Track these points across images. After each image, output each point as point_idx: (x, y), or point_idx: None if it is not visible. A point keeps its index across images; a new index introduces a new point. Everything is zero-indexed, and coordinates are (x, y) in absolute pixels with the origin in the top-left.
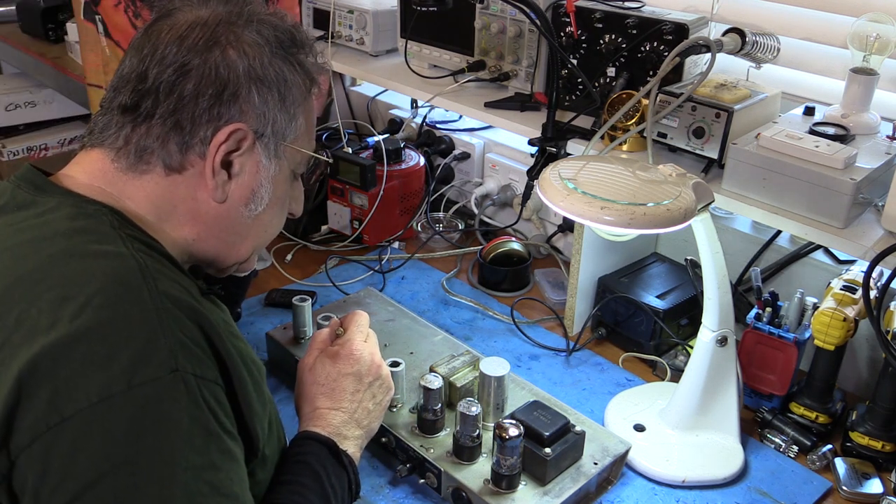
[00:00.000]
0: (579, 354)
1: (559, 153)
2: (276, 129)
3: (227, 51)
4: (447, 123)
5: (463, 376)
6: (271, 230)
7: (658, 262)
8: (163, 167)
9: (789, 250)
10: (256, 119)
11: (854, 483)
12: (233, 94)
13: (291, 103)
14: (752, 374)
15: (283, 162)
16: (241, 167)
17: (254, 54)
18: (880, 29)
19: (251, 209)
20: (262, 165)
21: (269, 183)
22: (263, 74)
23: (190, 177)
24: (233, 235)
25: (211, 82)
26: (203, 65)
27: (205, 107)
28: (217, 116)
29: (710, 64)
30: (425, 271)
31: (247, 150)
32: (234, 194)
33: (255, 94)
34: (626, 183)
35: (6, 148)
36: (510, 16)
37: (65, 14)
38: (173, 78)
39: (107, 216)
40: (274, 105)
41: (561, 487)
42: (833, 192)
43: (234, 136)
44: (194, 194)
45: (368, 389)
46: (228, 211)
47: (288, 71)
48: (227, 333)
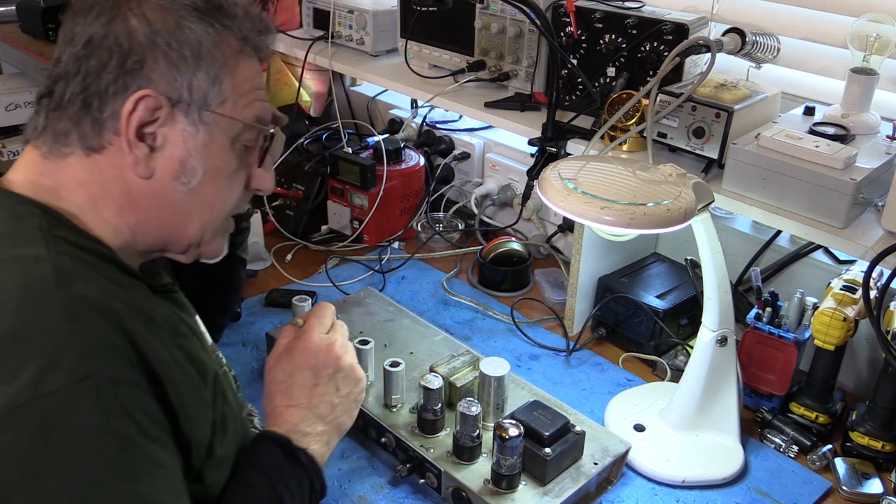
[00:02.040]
0: (579, 354)
1: (559, 153)
2: (196, 94)
3: (129, 19)
4: (447, 123)
5: (463, 376)
6: (220, 205)
7: (658, 262)
8: (82, 148)
9: (789, 250)
10: (168, 85)
11: (854, 483)
12: (137, 61)
13: (211, 65)
14: (752, 374)
15: (213, 129)
16: (163, 139)
17: (156, 18)
18: (880, 29)
19: (184, 182)
20: (188, 134)
21: (199, 153)
22: (169, 38)
23: (111, 155)
24: (174, 215)
25: (113, 53)
26: (105, 37)
27: (110, 79)
28: (124, 87)
29: (710, 64)
30: (425, 271)
31: (166, 120)
32: (161, 168)
33: (162, 60)
34: (626, 183)
35: (6, 148)
36: (510, 16)
37: (65, 14)
38: (80, 55)
39: (37, 217)
40: (187, 69)
41: (561, 487)
42: (833, 192)
43: (142, 104)
44: (121, 174)
45: (329, 382)
46: (160, 186)
47: (203, 32)
48: (168, 333)
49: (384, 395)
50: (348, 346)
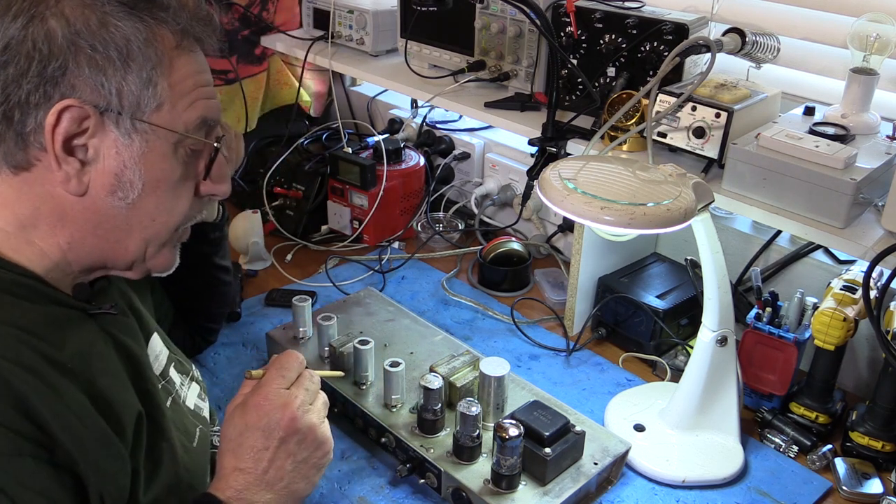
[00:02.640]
0: (579, 354)
1: (559, 153)
2: (126, 100)
3: (48, 20)
4: (447, 123)
5: (463, 376)
6: (164, 218)
7: (658, 262)
8: (7, 167)
9: (789, 250)
10: (94, 92)
11: (854, 483)
12: (58, 67)
13: (143, 66)
14: (752, 374)
15: (150, 137)
16: (94, 151)
17: (77, 17)
18: (880, 29)
19: (121, 197)
20: (122, 144)
21: (138, 164)
22: (93, 39)
23: (40, 172)
24: (112, 231)
25: (32, 59)
26: (23, 41)
27: (30, 88)
28: (45, 97)
29: (710, 64)
30: (425, 271)
31: (95, 130)
32: (95, 183)
33: (86, 65)
34: (626, 183)
35: None
36: (510, 16)
37: None
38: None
39: None
40: (115, 73)
41: (561, 487)
42: (833, 192)
43: (66, 115)
44: (51, 191)
45: (282, 446)
46: (95, 203)
47: (132, 29)
48: (78, 376)
49: (384, 395)
50: (312, 406)
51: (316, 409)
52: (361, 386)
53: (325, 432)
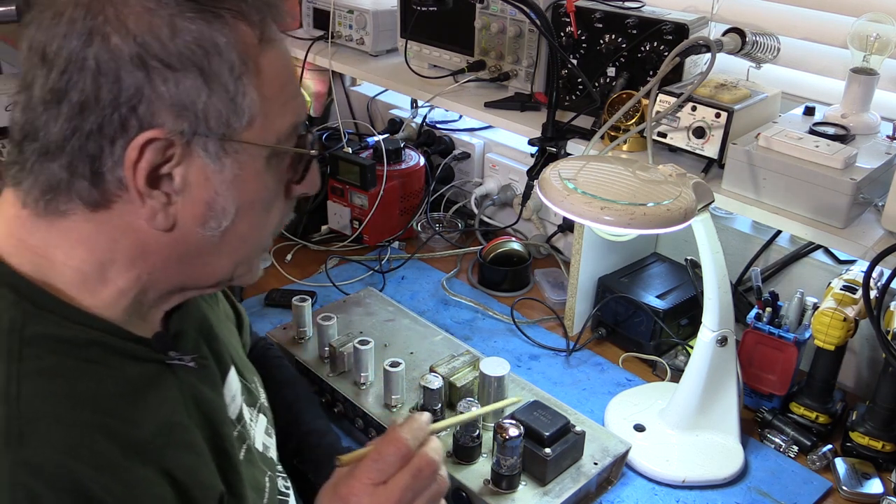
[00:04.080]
0: (579, 354)
1: (559, 153)
2: (213, 121)
3: (109, 36)
4: (447, 123)
5: (463, 376)
6: (256, 236)
7: (658, 262)
8: (83, 205)
9: (789, 250)
10: (176, 117)
11: (854, 483)
12: (132, 94)
13: (227, 77)
14: (752, 374)
15: (242, 157)
16: (182, 181)
17: (143, 28)
18: (880, 29)
19: (213, 227)
20: (212, 171)
21: (230, 190)
22: (166, 54)
23: (121, 207)
24: (199, 258)
25: (99, 86)
26: (83, 65)
27: (101, 120)
28: (122, 129)
29: (710, 64)
30: (425, 271)
31: (182, 157)
32: (184, 215)
33: (162, 85)
34: (626, 183)
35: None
36: (510, 16)
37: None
38: (57, 87)
39: (8, 310)
40: (197, 90)
41: (561, 487)
42: (833, 192)
43: (149, 148)
44: (132, 224)
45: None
46: (183, 236)
47: (208, 30)
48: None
49: (384, 395)
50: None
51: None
52: (361, 386)
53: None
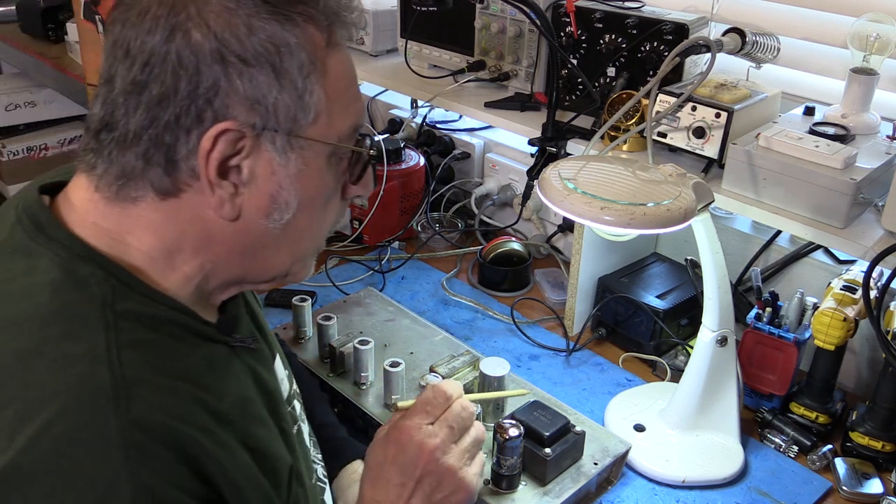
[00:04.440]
0: (579, 354)
1: (559, 153)
2: (282, 116)
3: (191, 32)
4: (447, 123)
5: (463, 376)
6: (314, 232)
7: (658, 262)
8: (154, 192)
9: (789, 250)
10: (248, 111)
11: (854, 483)
12: (210, 87)
13: (296, 74)
14: (752, 374)
15: (306, 153)
16: (249, 172)
17: (223, 26)
18: (880, 29)
19: (276, 219)
20: (277, 164)
21: (293, 184)
22: (242, 50)
23: (190, 197)
24: (260, 250)
25: (179, 79)
26: (165, 59)
27: (180, 111)
28: (198, 120)
29: (710, 64)
30: (425, 271)
31: (251, 150)
32: (249, 206)
33: (238, 80)
34: (626, 183)
35: (6, 148)
36: (510, 16)
37: (65, 14)
38: (139, 80)
39: (99, 285)
40: (269, 86)
41: (561, 487)
42: (833, 192)
43: (222, 139)
44: (201, 214)
45: (419, 486)
46: (247, 226)
47: (281, 31)
48: (239, 429)
49: (384, 395)
50: (455, 446)
51: (458, 451)
52: (361, 386)
53: (464, 476)
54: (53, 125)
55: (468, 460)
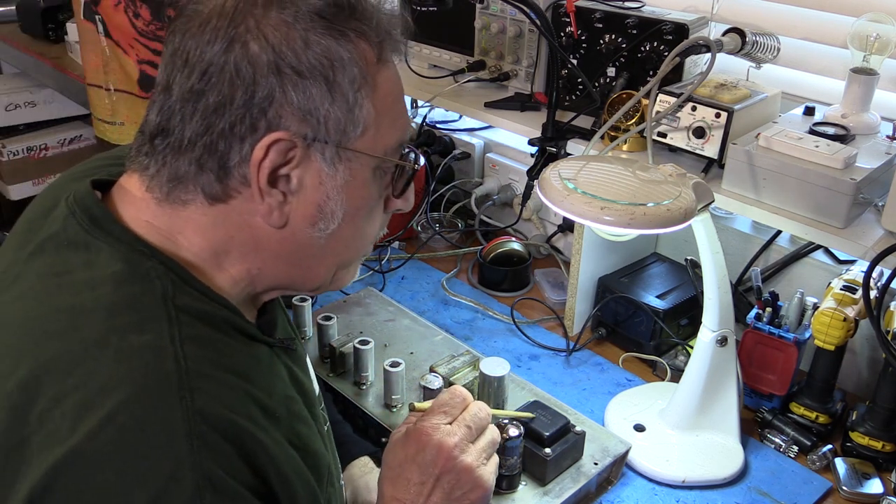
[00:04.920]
0: (579, 354)
1: (559, 153)
2: (332, 128)
3: (249, 44)
4: (447, 123)
5: (463, 376)
6: (357, 244)
7: (658, 262)
8: (204, 196)
9: (789, 250)
10: (300, 121)
11: (854, 483)
12: (265, 97)
13: (348, 88)
14: (752, 374)
15: (353, 165)
16: (298, 182)
17: (280, 39)
18: (880, 29)
19: (321, 228)
20: (326, 175)
21: (340, 194)
22: (298, 63)
23: (238, 203)
24: (305, 259)
25: (236, 88)
26: (223, 69)
27: (235, 120)
28: (252, 129)
29: (710, 64)
30: (425, 271)
31: (301, 160)
32: (296, 215)
33: (292, 91)
34: (626, 183)
35: (6, 148)
36: (510, 16)
37: (65, 14)
38: (196, 88)
39: (160, 279)
40: (322, 98)
41: (561, 487)
42: (833, 192)
43: (273, 148)
44: (249, 221)
45: (438, 484)
46: (293, 234)
47: (336, 47)
48: (286, 426)
49: (384, 395)
50: (473, 445)
51: (475, 450)
52: (361, 386)
53: (481, 475)
54: (53, 125)
55: (485, 459)
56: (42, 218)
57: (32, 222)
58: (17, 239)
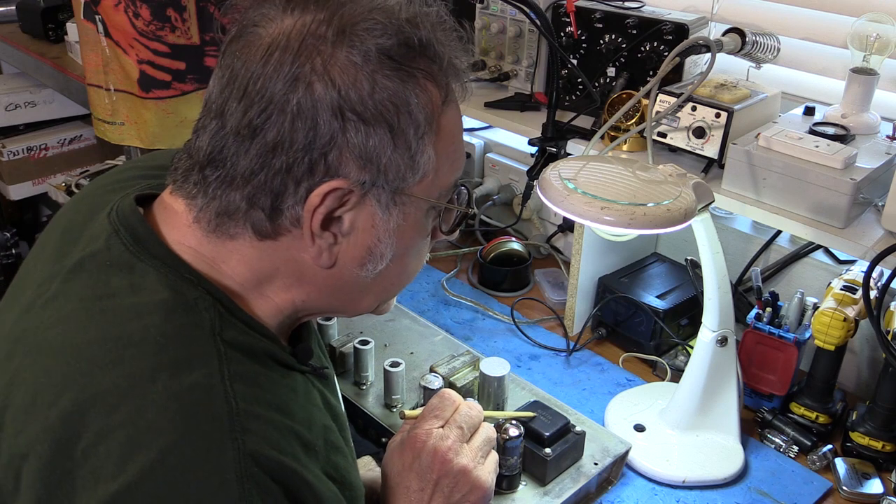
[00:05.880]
0: (579, 354)
1: (559, 153)
2: (392, 175)
3: (314, 84)
4: None
5: (463, 376)
6: (403, 280)
7: (658, 262)
8: (252, 232)
9: (789, 250)
10: (360, 168)
11: (854, 483)
12: (326, 143)
13: (412, 135)
14: (752, 374)
15: (407, 209)
16: (350, 224)
17: (349, 82)
18: (880, 29)
19: (369, 269)
20: (379, 219)
21: (391, 237)
22: (363, 109)
23: (288, 242)
24: (351, 293)
25: (296, 129)
26: (285, 107)
27: (292, 161)
28: (310, 171)
29: (710, 64)
30: (425, 271)
31: (355, 205)
32: (345, 256)
33: (354, 137)
34: (626, 183)
35: (6, 148)
36: (510, 16)
37: (65, 14)
38: (255, 124)
39: (208, 311)
40: (383, 146)
41: (561, 488)
42: (833, 192)
43: (331, 196)
44: (296, 256)
45: (437, 489)
46: (340, 273)
47: (403, 90)
48: (324, 459)
49: (384, 395)
50: (467, 445)
51: (470, 450)
52: (361, 386)
53: (479, 475)
54: (53, 125)
55: (481, 458)
56: (79, 229)
57: (67, 232)
58: (52, 249)
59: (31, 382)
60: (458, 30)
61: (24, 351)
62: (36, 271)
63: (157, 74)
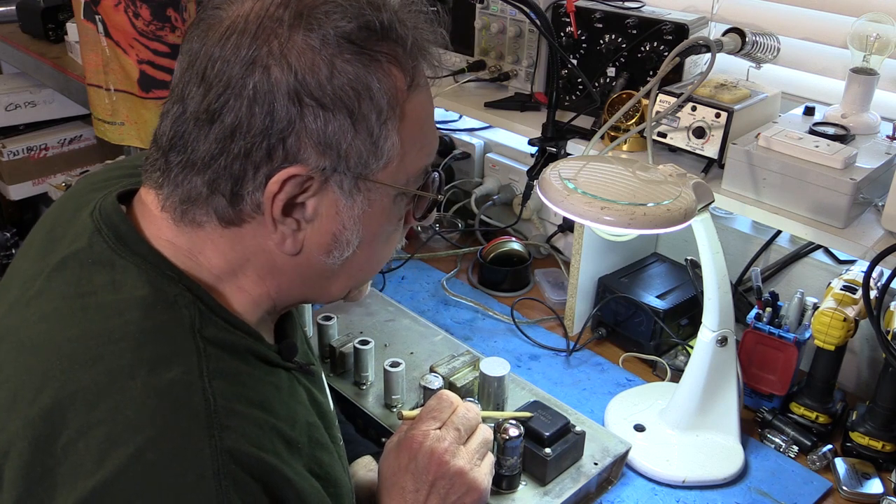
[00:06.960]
0: (579, 354)
1: (559, 153)
2: (353, 161)
3: (270, 68)
4: (447, 123)
5: (463, 376)
6: (372, 266)
7: (658, 262)
8: (217, 219)
9: (789, 250)
10: (319, 154)
11: (854, 483)
12: (284, 128)
13: (374, 120)
14: (752, 374)
15: (372, 195)
16: (313, 211)
17: (306, 67)
18: (880, 29)
19: (336, 256)
20: (343, 205)
21: (356, 224)
22: (321, 94)
23: (252, 228)
24: (320, 280)
25: (253, 114)
26: (241, 91)
27: (250, 146)
28: (268, 157)
29: (710, 64)
30: (425, 271)
31: (318, 190)
32: (310, 242)
33: (312, 122)
34: (626, 183)
35: (6, 148)
36: (510, 16)
37: (65, 14)
38: (213, 108)
39: (188, 308)
40: (343, 132)
41: (561, 488)
42: (833, 192)
43: (290, 183)
44: (262, 245)
45: (433, 490)
46: (308, 261)
47: (364, 73)
48: (308, 455)
49: (384, 395)
50: (464, 447)
51: (467, 452)
52: (361, 386)
53: (475, 477)
54: (53, 125)
55: (478, 460)
56: (64, 227)
57: (52, 230)
58: (38, 247)
59: (12, 379)
60: (424, 11)
61: (7, 348)
62: (22, 269)
63: (158, 74)
